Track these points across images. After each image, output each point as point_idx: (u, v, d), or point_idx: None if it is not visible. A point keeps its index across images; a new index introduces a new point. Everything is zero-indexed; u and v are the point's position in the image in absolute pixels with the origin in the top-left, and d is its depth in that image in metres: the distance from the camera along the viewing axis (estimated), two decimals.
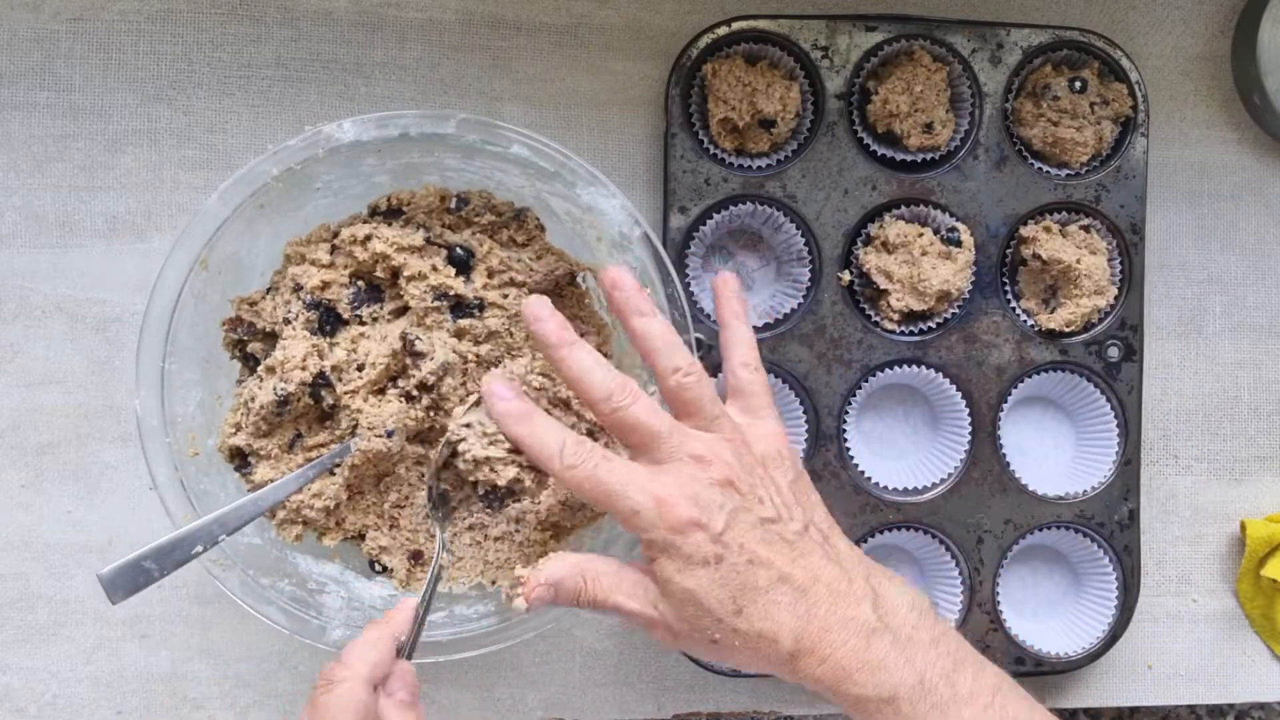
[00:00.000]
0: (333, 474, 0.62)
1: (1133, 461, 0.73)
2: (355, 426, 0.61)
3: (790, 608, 0.53)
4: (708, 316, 0.70)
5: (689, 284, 0.71)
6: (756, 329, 0.71)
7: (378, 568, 0.64)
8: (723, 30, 0.69)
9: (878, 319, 0.71)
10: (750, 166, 0.71)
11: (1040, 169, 0.72)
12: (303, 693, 0.72)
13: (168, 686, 0.71)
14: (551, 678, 0.73)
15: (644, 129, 0.73)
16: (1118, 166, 0.72)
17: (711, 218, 0.70)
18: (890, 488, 0.72)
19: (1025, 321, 0.72)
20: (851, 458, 0.72)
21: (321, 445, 0.62)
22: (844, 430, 0.72)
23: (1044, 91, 0.71)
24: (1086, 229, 0.72)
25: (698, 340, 0.70)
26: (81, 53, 0.70)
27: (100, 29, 0.70)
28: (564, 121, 0.72)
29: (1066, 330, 0.72)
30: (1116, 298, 0.72)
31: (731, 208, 0.70)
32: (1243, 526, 0.76)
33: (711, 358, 0.70)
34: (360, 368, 0.61)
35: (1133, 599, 0.73)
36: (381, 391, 0.61)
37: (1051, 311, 0.72)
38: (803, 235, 0.71)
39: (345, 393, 0.61)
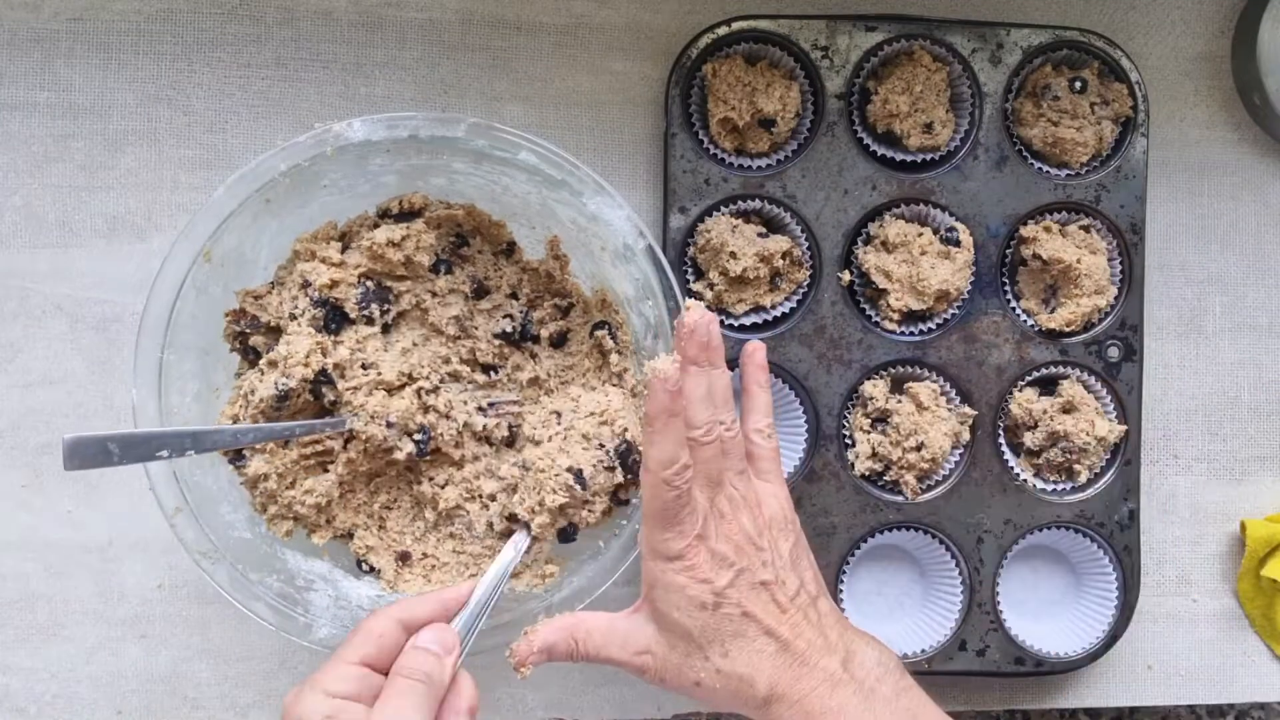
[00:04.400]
0: (326, 470, 0.62)
1: (1133, 461, 0.73)
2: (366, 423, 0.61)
3: (771, 657, 0.59)
4: None
5: (688, 284, 0.71)
6: (755, 326, 0.71)
7: (365, 567, 0.64)
8: (723, 30, 0.69)
9: (878, 319, 0.71)
10: (750, 166, 0.71)
11: (1040, 169, 0.72)
12: None
13: (168, 686, 0.71)
14: (551, 678, 0.73)
15: (644, 129, 0.73)
16: (1118, 166, 0.72)
17: (711, 217, 0.70)
18: (890, 486, 0.72)
19: (1025, 321, 0.72)
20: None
21: (316, 441, 0.62)
22: (844, 430, 0.72)
23: (1044, 91, 0.72)
24: (1086, 229, 0.72)
25: None
26: (81, 53, 0.70)
27: (100, 29, 0.70)
28: (564, 121, 0.72)
29: (1066, 330, 0.72)
30: (1116, 298, 0.72)
31: (731, 207, 0.70)
32: (1243, 526, 0.76)
33: None
34: (365, 366, 0.61)
35: (1133, 599, 0.73)
36: (389, 391, 0.62)
37: (1051, 311, 0.72)
38: (803, 235, 0.71)
39: (347, 389, 0.61)
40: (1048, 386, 0.73)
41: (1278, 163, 0.77)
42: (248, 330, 0.63)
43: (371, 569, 0.64)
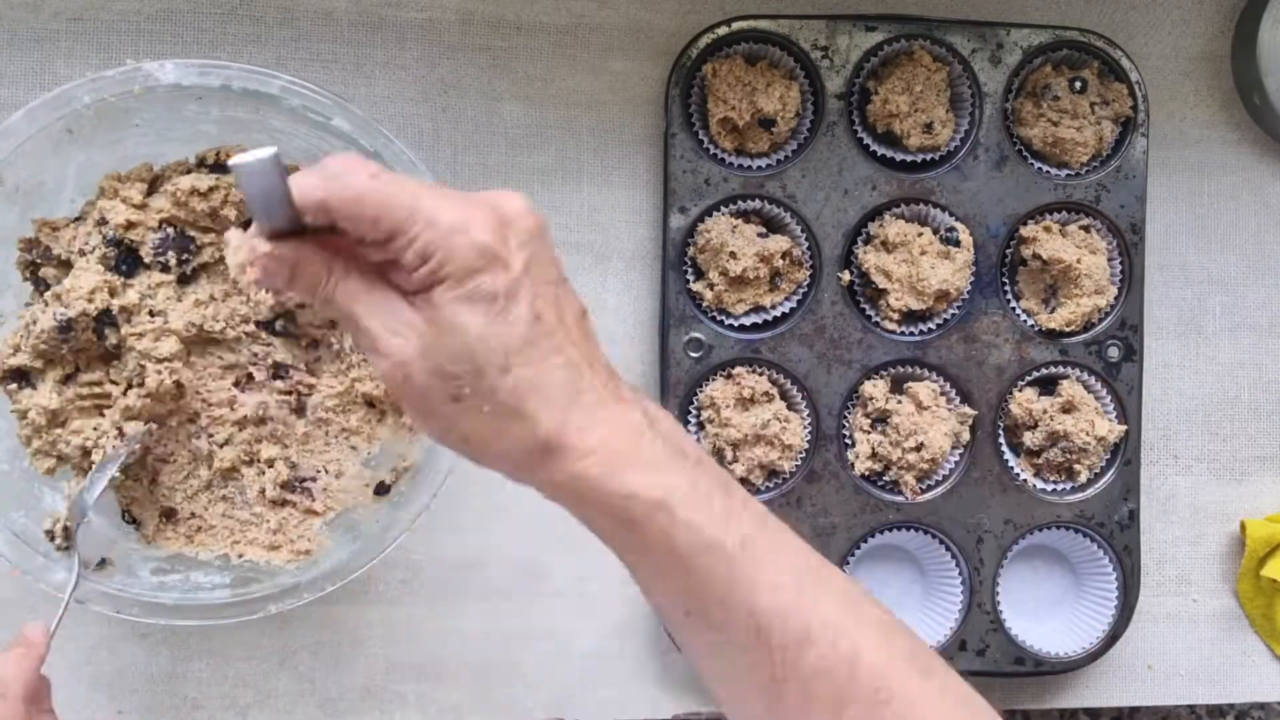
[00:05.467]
0: (102, 415, 0.61)
1: (1133, 461, 0.73)
2: (141, 370, 0.61)
3: (562, 386, 0.44)
4: (710, 317, 0.70)
5: (688, 284, 0.70)
6: (755, 326, 0.71)
7: (128, 518, 0.64)
8: (723, 30, 0.69)
9: (878, 319, 0.71)
10: (750, 166, 0.71)
11: (1040, 169, 0.72)
12: (303, 692, 0.72)
13: (168, 686, 0.71)
14: (551, 678, 0.73)
15: (644, 129, 0.73)
16: (1118, 166, 0.72)
17: (711, 217, 0.70)
18: (889, 486, 0.72)
19: (1025, 321, 0.72)
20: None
21: (96, 383, 0.61)
22: (844, 430, 0.72)
23: (1044, 91, 0.71)
24: (1086, 229, 0.72)
25: (697, 340, 0.70)
26: (81, 53, 0.70)
27: (100, 29, 0.70)
28: (564, 121, 0.72)
29: (1066, 330, 0.72)
30: (1116, 298, 0.72)
31: (731, 207, 0.70)
32: (1243, 526, 0.76)
33: (713, 358, 0.70)
34: (153, 313, 0.61)
35: (1133, 599, 0.73)
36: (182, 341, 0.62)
37: (1051, 311, 0.72)
38: (803, 235, 0.71)
39: (131, 334, 0.60)
40: (1048, 386, 0.73)
41: (1278, 163, 0.77)
42: (39, 260, 0.62)
43: (134, 520, 0.64)
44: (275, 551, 0.63)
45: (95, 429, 0.61)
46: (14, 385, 0.61)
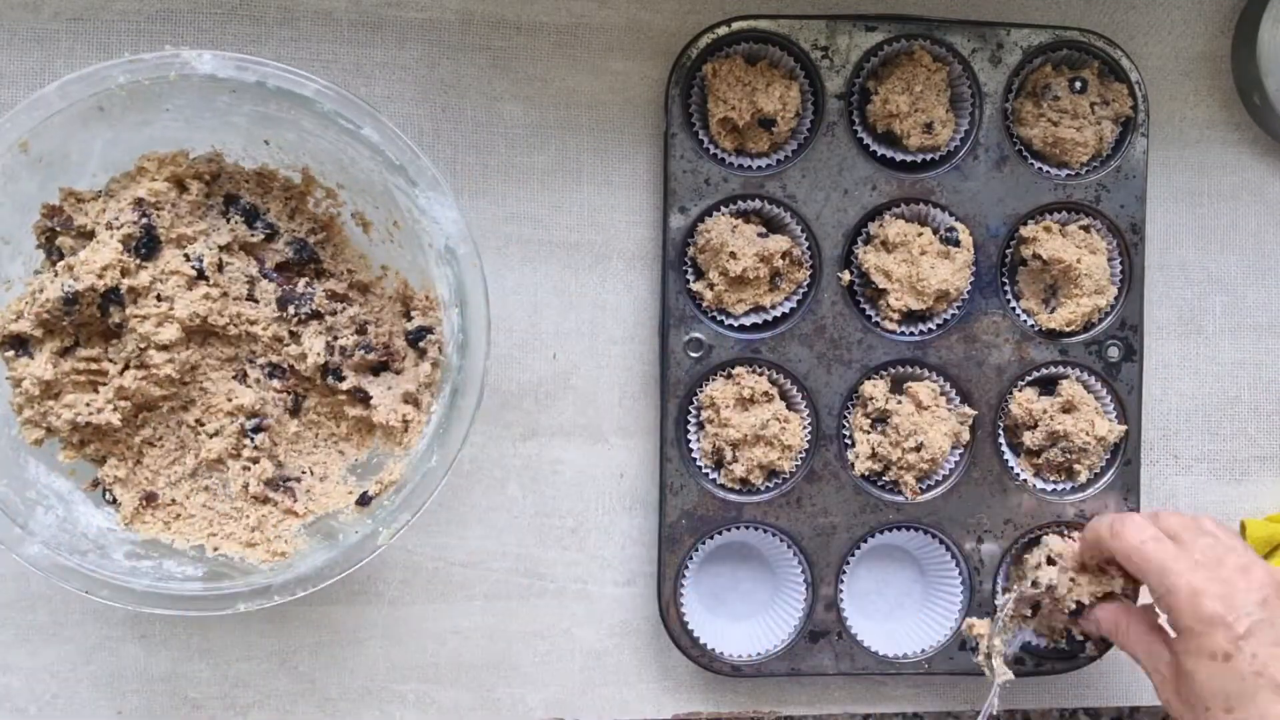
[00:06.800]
0: (96, 391, 0.62)
1: (1133, 461, 0.73)
2: (140, 351, 0.61)
3: None
4: (710, 317, 0.70)
5: (688, 284, 0.71)
6: (755, 326, 0.71)
7: (108, 497, 0.64)
8: (723, 30, 0.69)
9: (878, 319, 0.71)
10: (750, 166, 0.71)
11: (1040, 169, 0.72)
12: (303, 692, 0.72)
13: (168, 686, 0.71)
14: (551, 678, 0.73)
15: (644, 129, 0.73)
16: (1118, 166, 0.72)
17: (711, 217, 0.70)
18: (889, 486, 0.72)
19: (1025, 321, 0.72)
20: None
21: (93, 359, 0.62)
22: (844, 430, 0.72)
23: (1044, 91, 0.72)
24: (1086, 229, 0.72)
25: (697, 340, 0.70)
26: (81, 53, 0.70)
27: (100, 29, 0.70)
28: (564, 121, 0.72)
29: (1066, 330, 0.72)
30: (1116, 297, 0.72)
31: (731, 207, 0.70)
32: (1243, 526, 0.76)
33: (713, 358, 0.70)
34: (160, 298, 0.61)
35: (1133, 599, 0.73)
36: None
37: (1051, 311, 0.72)
38: (803, 235, 0.71)
39: (135, 315, 0.61)
40: (1048, 386, 0.73)
41: (1278, 163, 0.77)
42: (59, 229, 0.62)
43: (114, 500, 0.64)
44: (252, 549, 0.63)
45: (87, 405, 0.61)
46: (11, 352, 0.61)
